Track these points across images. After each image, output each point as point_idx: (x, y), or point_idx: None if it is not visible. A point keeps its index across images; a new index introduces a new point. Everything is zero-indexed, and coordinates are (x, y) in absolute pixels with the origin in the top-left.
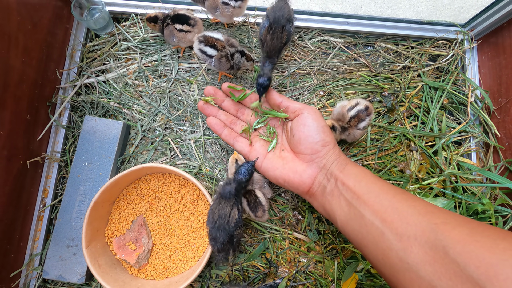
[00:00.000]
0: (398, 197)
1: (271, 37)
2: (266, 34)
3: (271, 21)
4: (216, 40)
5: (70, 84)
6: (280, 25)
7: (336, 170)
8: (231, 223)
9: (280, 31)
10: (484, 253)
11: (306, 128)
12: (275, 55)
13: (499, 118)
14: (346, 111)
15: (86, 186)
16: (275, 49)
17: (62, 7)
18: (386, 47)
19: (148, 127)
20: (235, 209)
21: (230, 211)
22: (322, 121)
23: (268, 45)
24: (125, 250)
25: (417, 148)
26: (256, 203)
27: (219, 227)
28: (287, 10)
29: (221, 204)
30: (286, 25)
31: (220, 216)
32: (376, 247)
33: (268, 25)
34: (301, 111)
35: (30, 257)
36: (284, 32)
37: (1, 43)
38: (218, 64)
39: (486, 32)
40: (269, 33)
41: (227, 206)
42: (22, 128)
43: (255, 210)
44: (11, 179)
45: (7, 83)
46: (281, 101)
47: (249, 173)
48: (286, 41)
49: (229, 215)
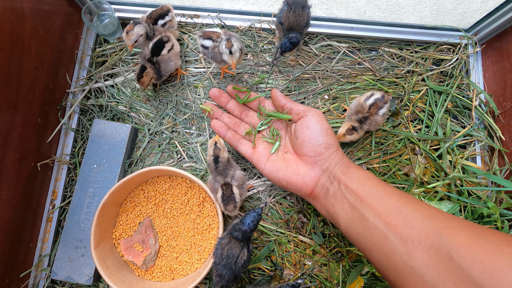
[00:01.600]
0: (402, 200)
1: (293, 15)
2: (286, 15)
3: (290, 3)
4: (213, 32)
5: (79, 88)
6: (300, 5)
7: (339, 173)
8: (239, 263)
9: (301, 10)
10: (489, 258)
11: (309, 130)
12: (298, 30)
13: (503, 122)
14: (364, 101)
15: (95, 188)
16: (299, 24)
17: (72, 13)
18: (390, 52)
19: (155, 130)
20: (245, 250)
21: (240, 252)
22: (326, 123)
23: (291, 21)
24: (132, 251)
25: (422, 152)
26: (230, 198)
27: (226, 265)
28: None
29: (231, 244)
30: (305, 6)
31: (228, 255)
32: (380, 251)
33: (288, 7)
34: (305, 114)
35: (39, 258)
36: (304, 11)
37: (15, 49)
38: (213, 55)
39: (490, 37)
40: (290, 12)
41: (237, 247)
42: (33, 131)
43: (227, 203)
44: (22, 181)
45: (20, 87)
46: (286, 103)
47: (254, 224)
48: (306, 22)
49: (238, 255)
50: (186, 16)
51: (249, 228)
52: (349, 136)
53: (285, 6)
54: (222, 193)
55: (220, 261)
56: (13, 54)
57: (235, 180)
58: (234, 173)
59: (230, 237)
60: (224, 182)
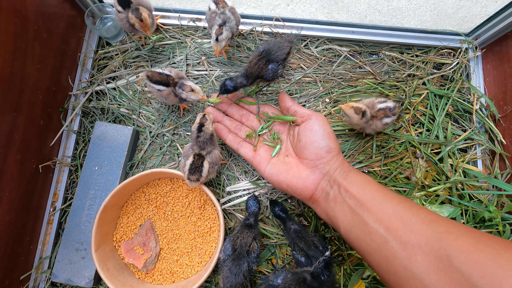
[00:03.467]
0: (402, 205)
1: (255, 63)
2: (253, 59)
3: (264, 52)
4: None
5: (81, 91)
6: (266, 59)
7: (340, 177)
8: (251, 252)
9: (264, 64)
10: (488, 262)
11: (312, 133)
12: (250, 79)
13: (504, 126)
14: (377, 103)
15: (96, 190)
16: (252, 75)
17: (75, 16)
18: (391, 56)
19: (157, 132)
20: (255, 242)
21: (252, 241)
22: (329, 127)
23: (249, 67)
24: (133, 254)
25: (423, 155)
26: (198, 169)
27: (238, 255)
28: (285, 52)
29: (243, 234)
30: (272, 63)
31: (241, 244)
32: (380, 255)
33: (259, 53)
34: (309, 117)
35: (39, 260)
36: (266, 66)
37: (18, 51)
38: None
39: (490, 41)
40: (255, 59)
41: (249, 236)
42: (35, 133)
43: (193, 172)
44: (23, 183)
45: (23, 90)
46: (291, 105)
47: (256, 203)
48: (264, 76)
49: (250, 244)
50: (188, 19)
51: (256, 207)
52: (353, 113)
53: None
54: (192, 162)
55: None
56: (17, 57)
57: (209, 157)
58: (212, 151)
59: (242, 227)
60: (198, 152)
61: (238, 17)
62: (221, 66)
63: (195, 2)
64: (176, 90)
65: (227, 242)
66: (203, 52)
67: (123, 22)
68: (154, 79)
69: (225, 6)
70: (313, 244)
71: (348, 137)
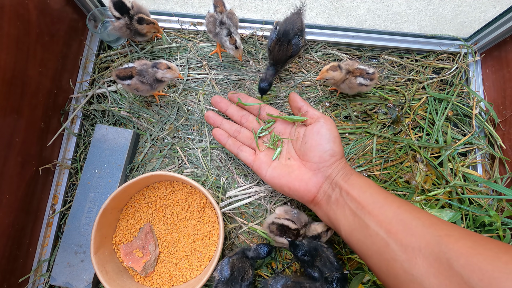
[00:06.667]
0: (402, 208)
1: (278, 49)
2: (273, 46)
3: (280, 34)
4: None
5: (82, 94)
6: (287, 39)
7: (341, 180)
8: (246, 279)
9: (287, 44)
10: (487, 266)
11: (319, 136)
12: (280, 64)
13: (504, 130)
14: (358, 64)
15: (96, 193)
16: (281, 60)
17: (77, 19)
18: (391, 60)
19: (157, 135)
20: (251, 270)
21: (248, 268)
22: (336, 132)
23: (275, 55)
24: (132, 257)
25: (423, 159)
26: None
27: (234, 279)
28: (299, 23)
29: (242, 259)
30: (293, 39)
31: (239, 269)
32: (380, 258)
33: (276, 38)
34: (318, 119)
35: (38, 263)
36: (290, 45)
37: (20, 54)
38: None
39: (489, 46)
40: (277, 45)
41: (247, 262)
42: (36, 136)
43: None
44: (23, 185)
45: (24, 92)
46: (303, 105)
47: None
48: (292, 54)
49: (246, 271)
50: (189, 23)
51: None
52: (332, 72)
53: (274, 34)
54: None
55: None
56: (19, 60)
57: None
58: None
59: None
60: None
61: (236, 21)
62: (222, 70)
63: (196, 7)
64: (149, 71)
65: (225, 262)
66: (204, 56)
67: (122, 31)
68: (121, 76)
69: (223, 10)
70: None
71: (348, 141)
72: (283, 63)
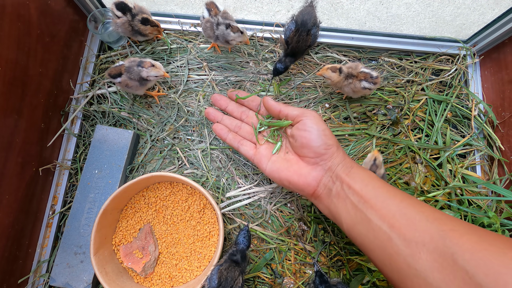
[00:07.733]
0: (406, 202)
1: (297, 39)
2: (292, 37)
3: (299, 24)
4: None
5: (82, 94)
6: (306, 29)
7: (342, 173)
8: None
9: (306, 34)
10: (493, 261)
11: (307, 133)
12: (298, 55)
13: (503, 132)
14: (361, 66)
15: (96, 193)
16: (300, 50)
17: (78, 20)
18: (390, 62)
19: (157, 136)
20: (240, 277)
21: (238, 276)
22: (322, 124)
23: (294, 46)
24: (131, 258)
25: (422, 161)
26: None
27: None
28: (314, 15)
29: (231, 268)
30: (312, 29)
31: (227, 278)
32: (383, 252)
33: (295, 29)
34: (300, 118)
35: (37, 263)
36: (309, 35)
37: (21, 55)
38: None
39: (488, 48)
40: (295, 35)
41: (236, 271)
42: (36, 136)
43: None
44: (23, 186)
45: (25, 93)
46: (280, 109)
47: (247, 239)
48: (310, 44)
49: (235, 280)
50: (189, 25)
51: (245, 245)
52: (330, 72)
53: (292, 25)
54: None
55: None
56: (19, 60)
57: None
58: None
59: (230, 262)
60: None
61: (232, 19)
62: (222, 71)
63: (196, 8)
64: (135, 69)
65: (214, 272)
66: (204, 57)
67: (124, 27)
68: (112, 74)
69: (217, 12)
70: None
71: (348, 142)
72: (301, 53)
